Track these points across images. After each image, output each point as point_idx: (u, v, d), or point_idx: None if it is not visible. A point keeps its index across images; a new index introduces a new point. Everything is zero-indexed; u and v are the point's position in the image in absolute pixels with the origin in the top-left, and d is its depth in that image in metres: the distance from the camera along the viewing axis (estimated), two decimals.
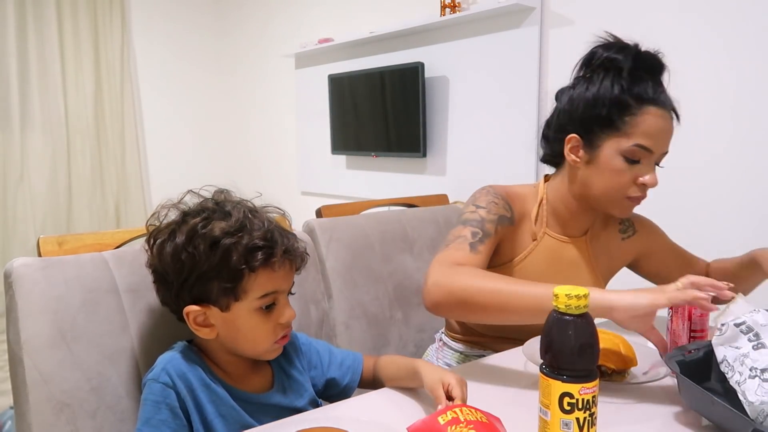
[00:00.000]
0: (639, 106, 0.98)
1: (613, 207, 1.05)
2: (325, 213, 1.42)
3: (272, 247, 0.80)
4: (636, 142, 0.98)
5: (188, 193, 0.85)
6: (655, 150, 1.00)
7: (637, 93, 0.99)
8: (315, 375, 0.93)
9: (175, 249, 0.79)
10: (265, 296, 0.80)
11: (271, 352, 0.85)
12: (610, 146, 1.00)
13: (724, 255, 2.01)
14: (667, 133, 1.01)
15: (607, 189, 1.02)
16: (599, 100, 1.00)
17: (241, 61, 4.52)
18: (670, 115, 1.01)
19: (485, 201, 1.07)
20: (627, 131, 0.99)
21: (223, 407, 0.80)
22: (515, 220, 1.08)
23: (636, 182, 1.01)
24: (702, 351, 0.78)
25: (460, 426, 0.65)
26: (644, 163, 1.00)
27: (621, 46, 1.03)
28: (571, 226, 1.12)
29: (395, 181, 3.30)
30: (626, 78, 0.99)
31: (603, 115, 1.00)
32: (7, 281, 0.83)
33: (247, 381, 0.86)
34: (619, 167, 1.00)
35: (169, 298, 0.83)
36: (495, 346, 1.14)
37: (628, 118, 0.99)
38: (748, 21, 1.94)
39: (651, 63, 1.02)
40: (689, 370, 0.73)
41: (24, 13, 3.78)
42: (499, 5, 2.52)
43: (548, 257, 1.11)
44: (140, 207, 4.31)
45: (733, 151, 2.01)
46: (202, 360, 0.83)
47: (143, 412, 0.77)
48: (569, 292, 0.63)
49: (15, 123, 3.76)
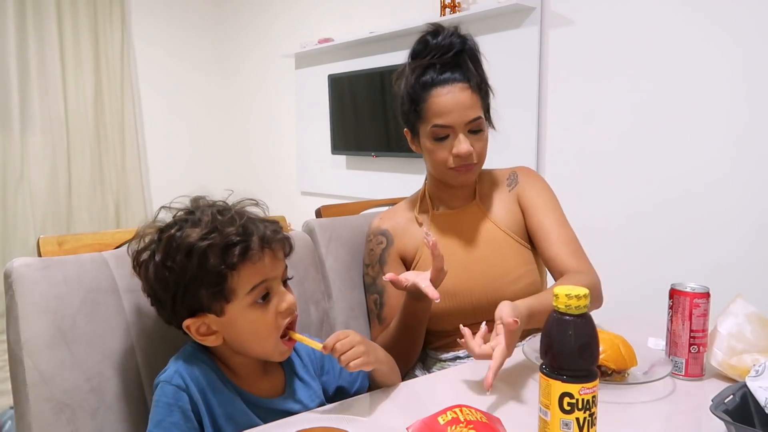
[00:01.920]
0: (425, 93, 1.10)
1: (446, 178, 1.17)
2: (324, 213, 1.42)
3: (247, 240, 0.78)
4: (432, 123, 1.10)
5: (161, 210, 0.84)
6: (452, 123, 1.09)
7: (422, 82, 1.11)
8: (326, 380, 0.93)
9: (157, 267, 0.79)
10: (254, 289, 0.79)
11: (280, 352, 0.84)
12: (422, 132, 1.14)
13: (724, 256, 2.01)
14: (460, 104, 1.09)
15: (434, 166, 1.16)
16: (401, 99, 1.15)
17: (241, 61, 4.52)
18: (459, 85, 1.09)
19: (367, 257, 1.24)
20: (425, 117, 1.12)
21: (234, 411, 0.80)
22: (393, 237, 1.22)
23: (452, 154, 1.11)
24: (738, 395, 0.73)
25: (460, 426, 0.65)
26: (452, 136, 1.11)
27: (417, 43, 1.14)
28: (452, 198, 1.22)
29: (395, 181, 3.30)
30: (409, 73, 1.12)
31: (407, 110, 1.15)
32: (7, 281, 0.83)
33: (259, 384, 0.86)
34: (432, 147, 1.13)
35: (169, 316, 0.82)
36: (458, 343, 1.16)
37: (422, 106, 1.11)
38: (749, 21, 1.94)
39: (441, 51, 1.11)
40: (732, 417, 0.67)
41: (24, 13, 3.78)
42: (499, 5, 2.52)
43: (447, 231, 1.20)
44: (140, 207, 4.30)
45: (733, 151, 2.01)
46: (214, 362, 0.83)
47: (155, 414, 0.77)
48: (569, 292, 0.63)
49: (15, 123, 3.76)
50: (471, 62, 1.13)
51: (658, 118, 2.18)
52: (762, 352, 0.89)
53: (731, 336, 0.91)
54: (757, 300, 0.96)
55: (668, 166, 2.17)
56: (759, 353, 0.89)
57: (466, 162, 1.11)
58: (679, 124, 2.13)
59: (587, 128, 2.40)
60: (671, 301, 0.94)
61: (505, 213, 1.20)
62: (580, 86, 2.40)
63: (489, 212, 1.20)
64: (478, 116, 1.11)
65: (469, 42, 1.13)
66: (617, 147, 2.31)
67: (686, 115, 2.12)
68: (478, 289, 1.13)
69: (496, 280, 1.13)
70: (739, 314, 0.93)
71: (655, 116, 2.19)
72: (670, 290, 0.94)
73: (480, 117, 1.11)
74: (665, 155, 2.18)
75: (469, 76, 1.11)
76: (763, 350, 0.90)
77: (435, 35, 1.12)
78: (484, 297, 1.13)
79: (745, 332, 0.91)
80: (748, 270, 1.95)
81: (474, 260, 1.15)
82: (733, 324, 0.93)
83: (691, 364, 0.91)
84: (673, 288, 0.94)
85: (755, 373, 0.74)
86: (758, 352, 0.89)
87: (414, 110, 1.13)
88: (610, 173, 2.34)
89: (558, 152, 2.52)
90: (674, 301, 0.93)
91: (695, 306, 0.90)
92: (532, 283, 1.15)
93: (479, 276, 1.13)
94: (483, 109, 1.13)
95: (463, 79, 1.10)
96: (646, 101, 2.21)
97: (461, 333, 1.10)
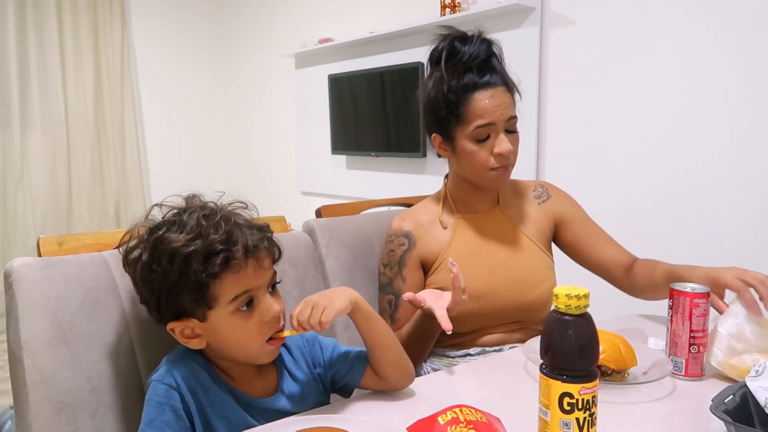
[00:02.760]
0: (466, 96, 1.12)
1: (484, 181, 1.17)
2: (324, 213, 1.42)
3: (229, 249, 0.76)
4: (475, 125, 1.12)
5: (153, 208, 0.84)
6: (494, 121, 1.11)
7: (463, 86, 1.12)
8: (320, 372, 0.92)
9: (143, 269, 0.78)
10: (236, 298, 0.78)
11: (266, 354, 0.83)
12: (460, 135, 1.14)
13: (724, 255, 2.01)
14: (500, 105, 1.12)
15: (473, 169, 1.16)
16: (436, 104, 1.16)
17: (241, 61, 4.52)
18: (499, 88, 1.13)
19: (386, 257, 1.24)
20: (466, 119, 1.13)
21: (226, 410, 0.80)
22: (415, 239, 1.22)
23: (493, 154, 1.13)
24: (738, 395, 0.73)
25: (460, 426, 0.65)
26: (493, 137, 1.13)
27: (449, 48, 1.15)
28: (477, 203, 1.24)
29: (395, 181, 3.30)
30: (447, 79, 1.13)
31: (444, 114, 1.15)
32: (7, 281, 0.83)
33: (252, 384, 0.85)
34: (473, 149, 1.14)
35: (155, 317, 0.82)
36: (473, 342, 1.18)
37: (462, 109, 1.12)
38: (749, 21, 1.94)
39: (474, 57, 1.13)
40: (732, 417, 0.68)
41: (24, 13, 3.78)
42: (499, 5, 2.52)
43: (472, 234, 1.22)
44: (140, 207, 4.30)
45: (732, 152, 2.01)
46: (206, 362, 0.83)
47: (147, 413, 0.77)
48: (569, 292, 0.63)
49: (15, 123, 3.76)
50: (502, 66, 1.17)
51: (658, 118, 2.18)
52: (762, 352, 0.89)
53: (731, 336, 0.91)
54: (758, 300, 0.96)
55: (668, 166, 2.17)
56: (759, 353, 0.89)
57: (506, 162, 1.14)
58: (679, 123, 2.13)
59: (587, 128, 2.40)
60: (671, 301, 0.94)
61: (530, 222, 1.24)
62: (580, 86, 2.40)
63: (512, 218, 1.24)
64: (514, 115, 1.15)
65: (496, 46, 1.17)
66: (617, 147, 2.31)
67: (686, 115, 2.12)
68: (502, 292, 1.15)
69: (519, 284, 1.16)
70: (739, 314, 0.93)
71: (655, 116, 2.19)
72: (670, 290, 0.94)
73: (516, 117, 1.15)
74: (665, 155, 2.18)
75: (505, 80, 1.15)
76: (763, 350, 0.90)
77: (463, 40, 1.14)
78: (506, 301, 1.16)
79: (745, 332, 0.91)
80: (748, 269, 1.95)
81: (499, 264, 1.18)
82: (733, 324, 0.93)
83: (691, 364, 0.91)
84: (673, 288, 0.94)
85: (755, 373, 0.74)
86: (758, 351, 0.89)
87: (452, 113, 1.14)
88: (609, 173, 2.34)
89: (558, 152, 2.52)
90: (674, 301, 0.93)
91: (695, 306, 0.90)
92: (551, 288, 1.17)
93: (504, 280, 1.16)
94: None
95: (502, 83, 1.14)
96: (646, 101, 2.21)
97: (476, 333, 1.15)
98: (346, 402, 0.88)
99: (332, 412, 0.83)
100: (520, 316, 1.17)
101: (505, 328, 1.18)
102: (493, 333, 1.18)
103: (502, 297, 1.15)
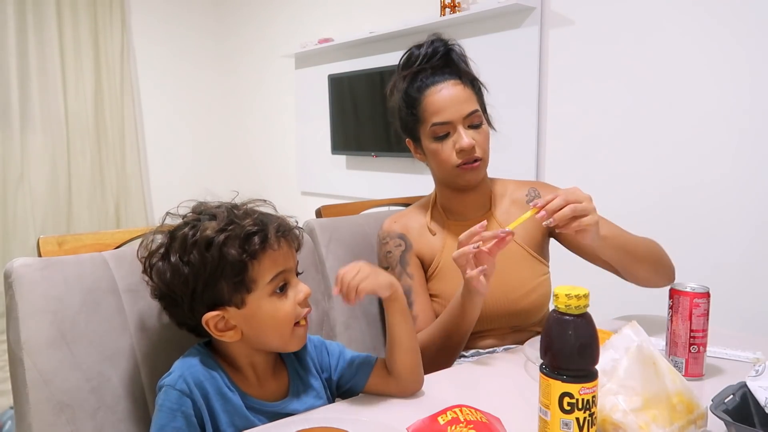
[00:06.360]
0: (419, 95, 1.13)
1: (454, 179, 1.15)
2: (324, 213, 1.42)
3: (264, 229, 0.80)
4: (431, 122, 1.11)
5: (167, 216, 0.85)
6: (451, 118, 1.10)
7: (416, 86, 1.13)
8: (327, 377, 0.93)
9: (174, 266, 0.79)
10: (274, 279, 0.80)
11: (297, 339, 0.84)
12: (423, 135, 1.15)
13: (723, 255, 2.01)
14: (455, 98, 1.10)
15: (441, 168, 1.16)
16: (399, 108, 1.18)
17: (241, 61, 4.52)
18: (452, 81, 1.12)
19: (385, 259, 1.22)
20: (423, 118, 1.13)
21: (237, 417, 0.80)
22: (411, 241, 1.21)
23: (456, 150, 1.11)
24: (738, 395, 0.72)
25: (460, 426, 0.65)
26: (453, 133, 1.11)
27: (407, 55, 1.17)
28: (466, 210, 1.21)
29: (395, 181, 3.30)
30: (401, 82, 1.16)
31: (405, 116, 1.16)
32: (7, 281, 0.83)
33: (265, 386, 0.85)
34: (436, 147, 1.13)
35: (185, 316, 0.82)
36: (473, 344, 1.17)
37: (419, 108, 1.13)
38: (750, 21, 1.94)
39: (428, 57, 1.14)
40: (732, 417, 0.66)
41: (24, 13, 3.78)
42: (499, 5, 2.52)
43: None
44: (140, 207, 4.31)
45: (733, 151, 2.01)
46: (219, 365, 0.82)
47: (158, 419, 0.76)
48: (569, 292, 0.63)
49: (15, 123, 3.77)
50: (459, 62, 1.16)
51: (658, 118, 2.19)
52: (640, 409, 0.68)
53: (603, 373, 0.70)
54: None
55: (668, 166, 2.17)
56: (633, 406, 0.68)
57: (470, 157, 1.11)
58: (679, 123, 2.13)
59: (587, 128, 2.40)
60: (671, 301, 0.94)
61: (521, 227, 1.17)
62: (580, 86, 2.40)
63: (504, 224, 1.19)
64: (475, 109, 1.12)
65: (452, 44, 1.16)
66: (617, 147, 2.31)
67: (686, 115, 2.12)
68: (492, 300, 1.14)
69: (510, 292, 1.15)
70: (620, 347, 0.73)
71: (655, 116, 2.19)
72: (670, 290, 0.94)
73: (477, 110, 1.12)
74: (665, 155, 2.18)
75: (459, 74, 1.13)
76: (643, 401, 0.69)
77: (419, 46, 1.16)
78: (498, 309, 1.14)
79: (618, 369, 0.71)
80: (748, 270, 1.95)
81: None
82: (609, 359, 0.72)
83: (691, 364, 0.91)
84: (673, 288, 0.94)
85: (755, 373, 0.74)
86: (632, 401, 0.69)
87: (411, 114, 1.14)
88: (609, 173, 2.34)
89: (558, 152, 2.52)
90: (674, 301, 0.93)
91: (695, 306, 0.91)
92: (545, 294, 1.17)
93: (495, 288, 1.13)
94: (479, 105, 1.14)
95: (455, 76, 1.12)
96: (646, 101, 2.21)
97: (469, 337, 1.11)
98: (346, 402, 0.88)
99: (332, 413, 0.83)
100: (513, 322, 1.16)
101: (497, 332, 1.17)
102: (486, 339, 1.17)
103: (493, 304, 1.13)
